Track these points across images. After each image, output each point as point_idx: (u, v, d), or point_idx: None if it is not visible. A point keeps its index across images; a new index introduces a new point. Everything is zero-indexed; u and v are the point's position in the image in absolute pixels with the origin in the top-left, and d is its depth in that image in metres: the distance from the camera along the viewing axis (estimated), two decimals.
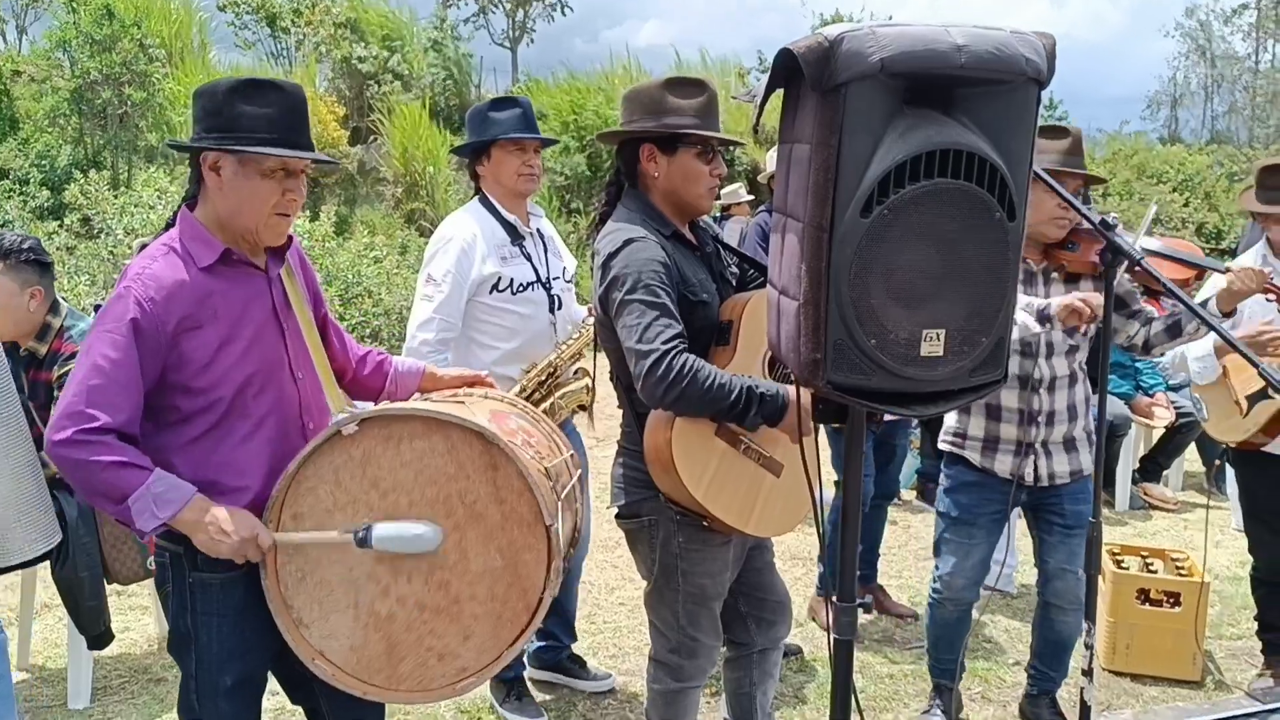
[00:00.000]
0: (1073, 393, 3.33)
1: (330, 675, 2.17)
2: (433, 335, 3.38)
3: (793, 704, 3.82)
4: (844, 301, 1.68)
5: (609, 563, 5.17)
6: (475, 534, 2.13)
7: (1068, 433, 3.33)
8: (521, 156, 3.50)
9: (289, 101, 2.21)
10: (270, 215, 2.21)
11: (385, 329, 9.84)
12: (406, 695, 2.20)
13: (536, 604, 2.13)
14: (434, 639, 2.16)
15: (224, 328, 2.18)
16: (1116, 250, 2.33)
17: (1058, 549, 3.36)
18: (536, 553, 2.12)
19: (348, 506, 2.15)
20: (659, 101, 2.61)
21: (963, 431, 3.42)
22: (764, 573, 2.91)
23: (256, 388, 2.22)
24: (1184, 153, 18.12)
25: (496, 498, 2.12)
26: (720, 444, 2.53)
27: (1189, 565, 4.23)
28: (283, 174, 2.20)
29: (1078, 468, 3.36)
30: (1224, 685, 4.01)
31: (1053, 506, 3.36)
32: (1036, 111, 1.77)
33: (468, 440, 2.12)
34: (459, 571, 2.14)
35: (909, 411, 1.84)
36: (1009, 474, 3.32)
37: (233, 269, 2.24)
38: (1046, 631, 3.50)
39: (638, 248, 2.51)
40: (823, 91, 1.64)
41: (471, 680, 2.16)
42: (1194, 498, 6.76)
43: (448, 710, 3.68)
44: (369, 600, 2.15)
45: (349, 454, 2.14)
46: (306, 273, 2.49)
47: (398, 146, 14.39)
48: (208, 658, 2.24)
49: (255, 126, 2.16)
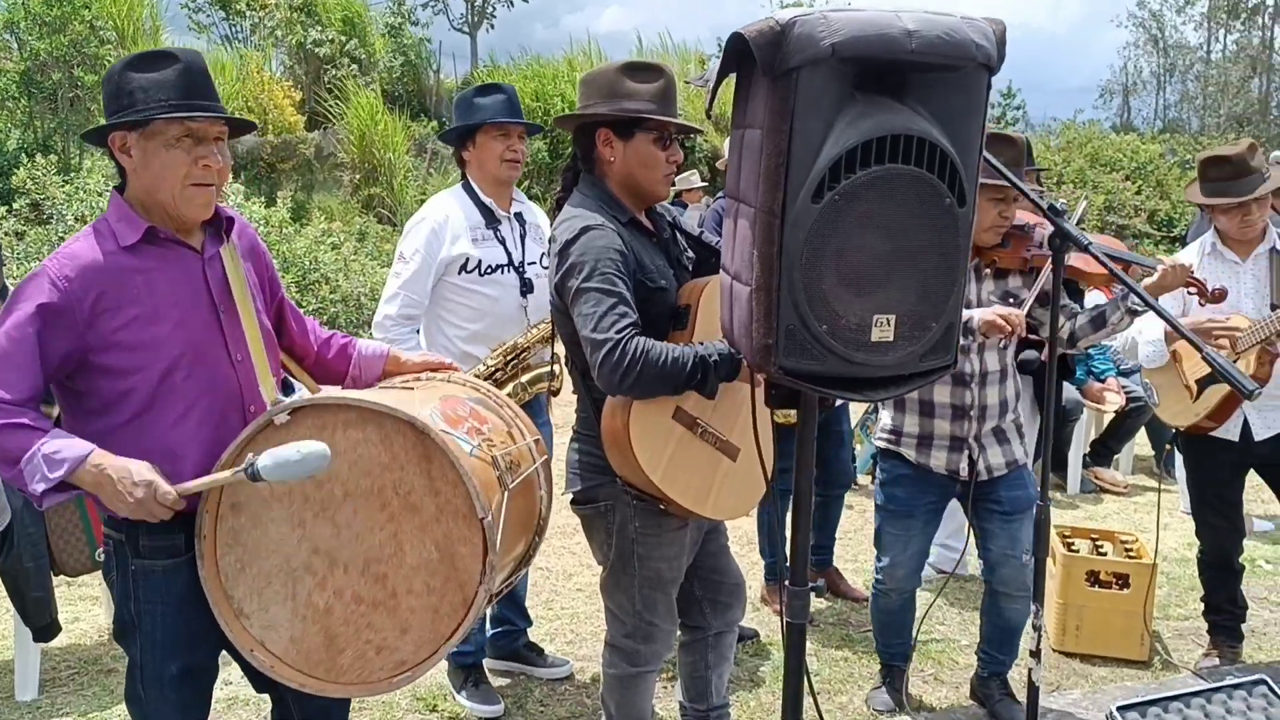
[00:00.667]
0: (1004, 387, 3.40)
1: (269, 667, 2.15)
2: (396, 310, 3.42)
3: (748, 687, 3.84)
4: (796, 287, 1.68)
5: (566, 549, 5.17)
6: (411, 526, 2.09)
7: (999, 425, 3.41)
8: (505, 142, 3.51)
9: (184, 67, 2.15)
10: (184, 186, 2.15)
11: (343, 315, 9.75)
12: (347, 688, 2.17)
13: (473, 598, 2.09)
14: (372, 632, 2.12)
15: (148, 307, 2.13)
16: (1065, 236, 2.36)
17: (999, 536, 3.41)
18: (473, 546, 2.08)
19: (285, 497, 2.12)
20: (616, 86, 2.60)
21: (898, 429, 3.47)
22: (719, 556, 2.92)
23: (185, 369, 2.16)
24: (1137, 141, 18.36)
25: (431, 489, 2.08)
26: (677, 427, 2.54)
27: (1138, 548, 4.30)
28: (190, 141, 2.14)
29: (1012, 458, 3.42)
30: (1171, 665, 4.09)
31: (989, 495, 3.42)
32: (987, 98, 1.79)
33: (401, 430, 2.09)
34: (395, 564, 2.10)
35: (860, 396, 1.86)
36: (944, 470, 3.40)
37: (160, 248, 2.18)
38: (995, 618, 3.55)
39: (595, 235, 2.50)
40: (774, 76, 1.64)
41: (408, 674, 2.13)
42: (1144, 481, 6.87)
43: (404, 698, 3.67)
44: (306, 592, 2.12)
45: (284, 443, 2.11)
46: (259, 260, 2.45)
47: (355, 132, 14.24)
48: (152, 646, 2.21)
49: (150, 97, 2.10)
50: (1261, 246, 3.76)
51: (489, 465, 2.18)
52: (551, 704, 3.71)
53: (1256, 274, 3.75)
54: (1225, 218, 3.74)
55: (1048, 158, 16.91)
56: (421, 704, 3.65)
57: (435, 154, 14.77)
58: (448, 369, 2.65)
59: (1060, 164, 16.61)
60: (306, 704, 2.42)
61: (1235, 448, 3.79)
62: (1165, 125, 30.79)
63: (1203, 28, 34.75)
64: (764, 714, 3.64)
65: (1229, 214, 3.72)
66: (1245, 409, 3.74)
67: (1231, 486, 3.94)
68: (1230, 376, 2.42)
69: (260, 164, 13.22)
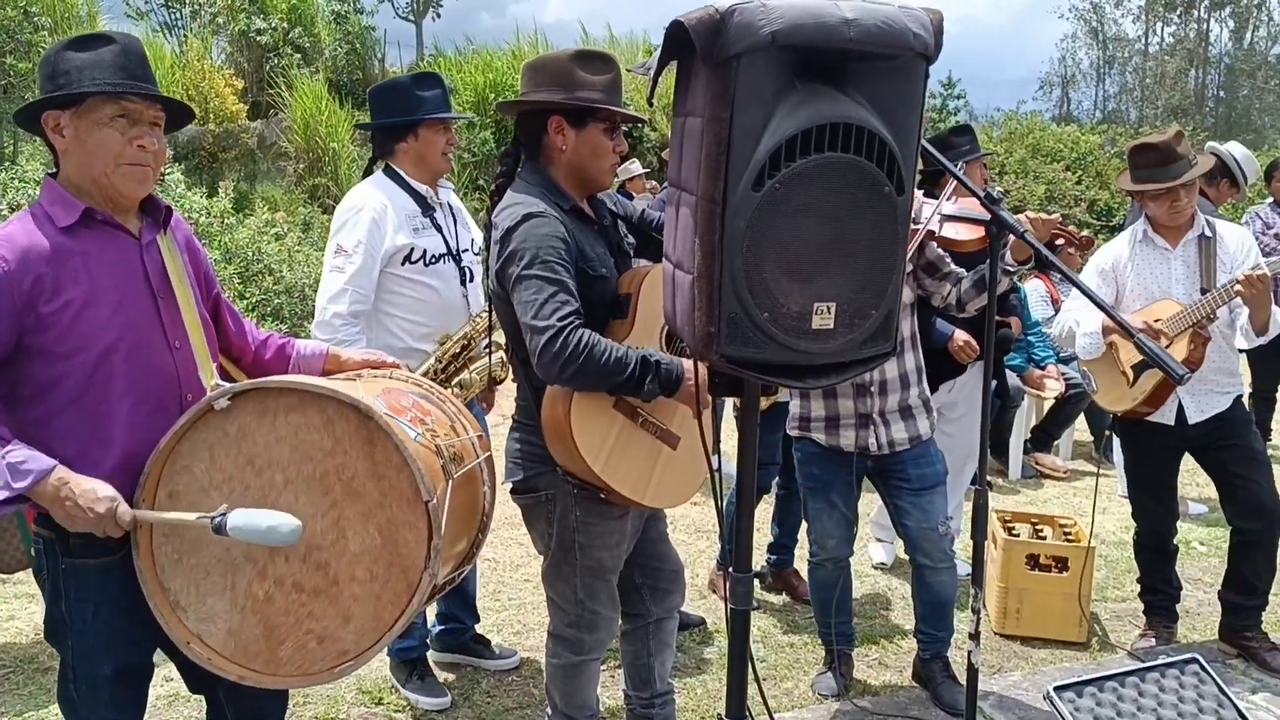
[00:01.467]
0: (903, 361, 3.49)
1: (206, 660, 2.11)
2: (345, 307, 3.31)
3: (694, 674, 3.86)
4: (737, 275, 1.69)
5: (513, 539, 5.16)
6: (353, 512, 2.07)
7: (902, 401, 3.49)
8: (446, 135, 3.48)
9: (121, 48, 2.13)
10: (118, 165, 2.12)
11: (287, 307, 9.61)
12: (286, 680, 2.13)
13: (417, 584, 2.07)
14: (313, 621, 2.09)
15: (85, 290, 2.10)
16: (1002, 224, 2.39)
17: (912, 511, 3.50)
18: (417, 531, 2.06)
19: (224, 484, 2.09)
20: (569, 75, 2.59)
21: (806, 415, 3.56)
22: (658, 543, 2.94)
23: (122, 354, 2.13)
24: (1077, 132, 18.64)
25: (375, 474, 2.06)
26: (619, 417, 2.54)
27: (1076, 531, 4.38)
28: (125, 122, 2.11)
29: (916, 434, 3.51)
30: (1109, 646, 4.18)
31: (898, 472, 3.51)
32: (925, 87, 1.81)
33: (344, 414, 2.06)
34: (337, 551, 2.07)
35: (802, 384, 1.87)
36: (854, 448, 3.48)
37: (96, 230, 2.15)
38: (924, 593, 3.62)
39: (537, 223, 2.49)
40: (714, 64, 1.64)
41: (350, 664, 2.10)
42: (1083, 466, 7.01)
43: (349, 691, 3.64)
44: (246, 581, 2.09)
45: (224, 430, 2.08)
46: (194, 254, 2.41)
47: (299, 121, 14.03)
48: (84, 647, 2.17)
49: (85, 76, 2.08)
50: (1191, 233, 3.84)
51: (433, 453, 2.16)
52: (498, 695, 3.70)
53: (1186, 260, 3.83)
54: (1155, 204, 3.82)
55: (991, 148, 17.12)
56: (367, 697, 3.63)
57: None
58: (389, 366, 2.63)
59: (1003, 154, 16.84)
60: (241, 703, 2.39)
61: (1170, 432, 3.87)
62: (1105, 116, 31.31)
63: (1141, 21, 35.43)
64: (710, 700, 3.66)
65: (1158, 200, 3.79)
66: (1180, 393, 3.82)
67: (1167, 470, 4.03)
68: (1162, 362, 2.47)
69: (202, 153, 12.97)
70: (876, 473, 3.56)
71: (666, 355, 2.49)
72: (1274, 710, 3.59)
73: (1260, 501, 3.79)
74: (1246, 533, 3.87)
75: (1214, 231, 3.83)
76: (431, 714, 3.54)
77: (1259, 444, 3.92)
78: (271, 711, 2.48)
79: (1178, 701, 3.07)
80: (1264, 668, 3.87)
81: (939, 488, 3.51)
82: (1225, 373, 3.85)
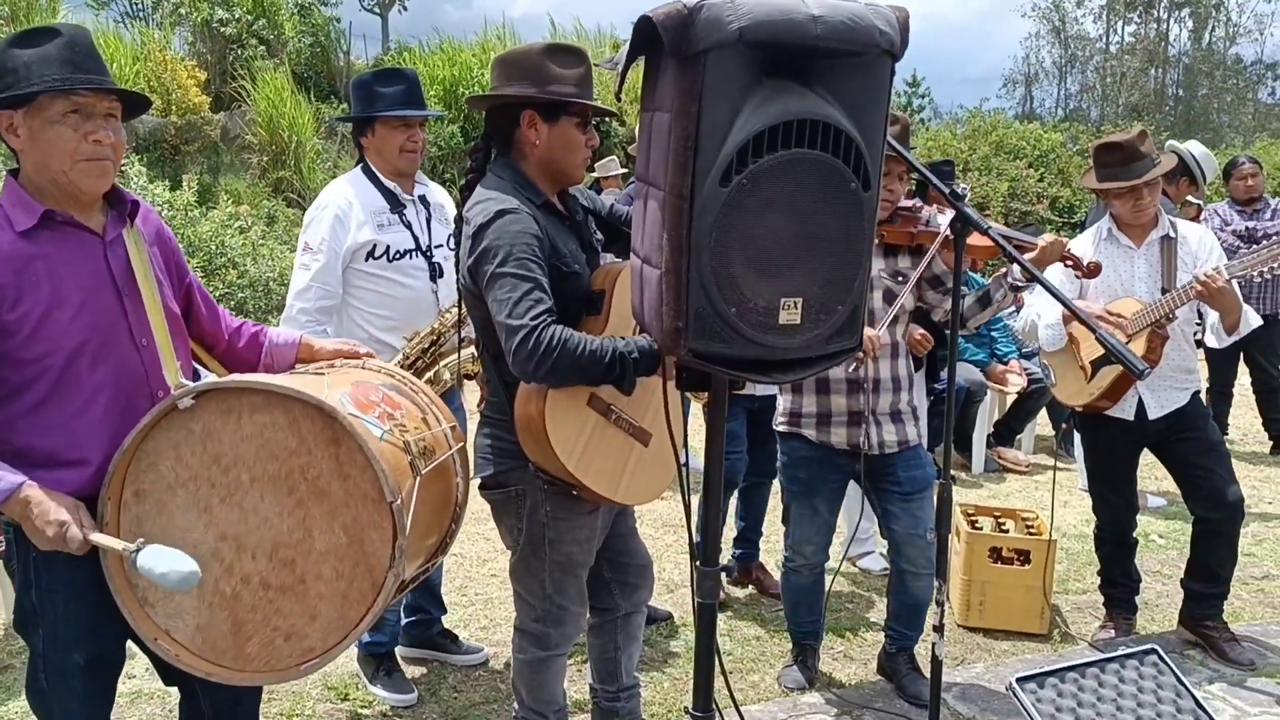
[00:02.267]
0: (895, 364, 3.52)
1: (174, 656, 2.11)
2: (311, 304, 3.35)
3: (660, 667, 3.87)
4: (704, 270, 1.70)
5: (480, 534, 5.15)
6: (319, 511, 2.07)
7: (893, 404, 3.51)
8: (406, 133, 3.45)
9: (67, 41, 2.09)
10: (75, 163, 2.09)
11: (251, 301, 9.52)
12: (253, 676, 2.14)
13: (382, 583, 2.07)
14: (280, 618, 2.09)
15: (49, 294, 2.08)
16: (966, 220, 2.41)
17: (901, 517, 3.51)
18: (382, 530, 2.06)
19: (189, 483, 2.08)
20: (542, 69, 2.58)
21: (797, 410, 3.57)
22: (627, 538, 2.94)
23: (90, 356, 2.12)
24: (1039, 130, 18.80)
25: (340, 474, 2.06)
26: (592, 414, 2.54)
27: (1038, 524, 4.44)
28: (77, 117, 2.08)
29: (904, 438, 3.53)
30: (1070, 637, 4.23)
31: (888, 476, 3.52)
32: (890, 84, 1.82)
33: (309, 414, 2.06)
34: (304, 550, 2.07)
35: (768, 379, 1.88)
36: (846, 445, 3.49)
37: (58, 232, 2.13)
38: (902, 595, 3.65)
39: (510, 220, 2.48)
40: (682, 59, 1.65)
41: (317, 661, 2.10)
42: (1045, 460, 7.09)
43: (315, 687, 3.62)
44: (213, 579, 2.08)
45: (189, 428, 2.07)
46: (165, 245, 2.39)
47: (263, 114, 13.89)
48: (55, 636, 2.16)
49: (33, 73, 2.05)
50: (1154, 233, 3.90)
51: (400, 450, 2.16)
52: (465, 690, 3.70)
53: (1149, 259, 3.88)
54: (1118, 202, 3.88)
55: (955, 145, 17.26)
56: (333, 693, 3.61)
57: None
58: (362, 356, 2.62)
59: (967, 151, 16.96)
60: (217, 696, 2.38)
61: (1130, 426, 3.93)
62: (1067, 114, 31.63)
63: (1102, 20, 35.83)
64: (676, 694, 3.67)
65: (1121, 199, 3.85)
66: (1140, 389, 3.88)
67: (1126, 464, 4.09)
68: (1123, 357, 2.51)
69: (164, 146, 12.80)
70: (866, 475, 3.55)
71: (640, 339, 2.45)
72: (1230, 700, 3.66)
73: (1222, 491, 3.85)
74: (1209, 522, 3.94)
75: (1177, 232, 3.89)
76: (398, 710, 3.53)
77: (1217, 435, 3.99)
78: (245, 702, 2.48)
79: (1137, 692, 3.12)
80: (1222, 658, 3.94)
81: (928, 492, 3.51)
82: (1184, 370, 3.91)
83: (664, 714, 3.55)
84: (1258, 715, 3.57)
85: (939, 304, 3.54)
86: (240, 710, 2.47)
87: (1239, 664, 3.90)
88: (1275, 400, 7.25)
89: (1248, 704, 3.64)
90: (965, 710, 3.57)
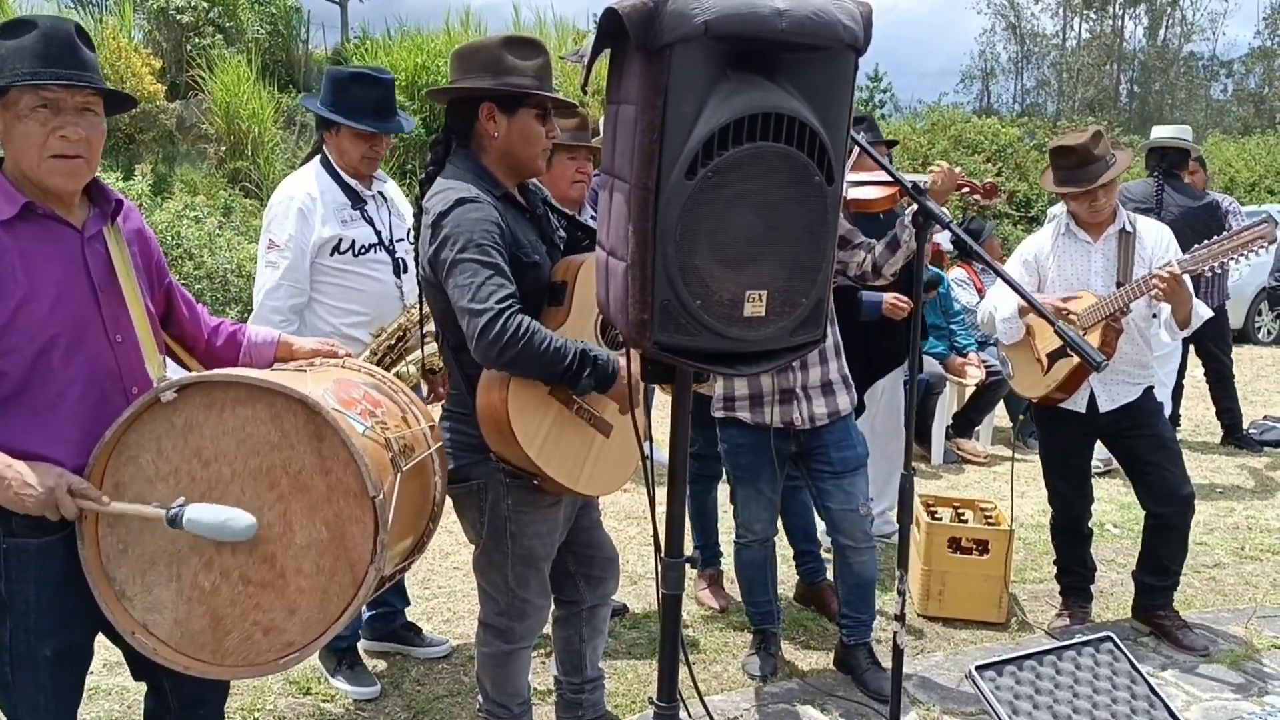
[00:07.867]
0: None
1: (152, 650, 2.09)
2: (283, 302, 3.33)
3: (624, 659, 3.89)
4: (670, 263, 1.71)
5: (443, 528, 5.05)
6: (300, 505, 2.06)
7: (823, 375, 3.57)
8: (369, 143, 3.42)
9: (42, 33, 2.06)
10: (44, 158, 2.07)
11: (208, 293, 9.40)
12: (232, 670, 2.13)
13: (363, 578, 2.07)
14: (259, 613, 2.08)
15: (23, 288, 2.06)
16: (929, 214, 2.44)
17: (834, 494, 3.59)
18: (363, 525, 2.06)
19: (170, 476, 2.07)
20: (499, 61, 2.58)
21: (730, 395, 3.62)
22: (592, 531, 2.95)
23: (62, 350, 2.10)
24: (997, 125, 19.02)
25: (322, 468, 2.05)
26: (554, 403, 2.54)
27: (997, 515, 4.50)
28: (46, 112, 2.06)
29: (835, 409, 3.59)
30: (1027, 626, 4.29)
31: (820, 455, 3.60)
32: (854, 78, 1.84)
33: (291, 408, 2.05)
34: (284, 544, 2.06)
35: (733, 371, 1.89)
36: (780, 422, 3.55)
37: (37, 225, 2.11)
38: (847, 575, 3.70)
39: (470, 208, 2.47)
40: (648, 52, 1.65)
41: (296, 655, 2.09)
42: (1003, 451, 7.16)
43: (276, 682, 3.60)
44: (192, 573, 2.07)
45: (171, 422, 2.06)
46: (145, 244, 2.38)
47: (220, 103, 13.71)
48: (25, 627, 2.13)
49: (6, 65, 2.03)
50: (1112, 228, 3.95)
51: (382, 447, 2.15)
52: (429, 683, 3.69)
53: (1106, 254, 3.94)
54: (1075, 204, 3.94)
55: (914, 139, 17.41)
56: (295, 687, 3.59)
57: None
58: (341, 355, 2.61)
59: (926, 145, 17.11)
60: (184, 689, 2.37)
61: (1083, 419, 3.99)
62: (1024, 109, 31.99)
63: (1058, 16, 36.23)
64: (640, 685, 3.69)
65: (1078, 200, 3.91)
66: (1092, 382, 3.94)
67: (1080, 455, 4.16)
68: (1081, 349, 2.55)
69: (118, 135, 12.60)
70: (800, 456, 3.63)
71: (604, 350, 2.50)
72: (1183, 685, 3.73)
73: (1173, 487, 3.93)
74: (1160, 517, 4.01)
75: (1134, 228, 3.95)
76: (361, 703, 3.52)
77: (1169, 432, 4.06)
78: (212, 696, 2.46)
79: (1093, 679, 3.17)
80: (1176, 645, 4.01)
81: (860, 470, 3.60)
82: (1137, 364, 3.97)
83: (628, 705, 3.56)
84: (1210, 700, 3.64)
85: (850, 259, 3.57)
86: (206, 705, 2.46)
87: (1192, 650, 3.98)
88: (1227, 388, 7.39)
89: (1200, 689, 3.71)
90: (925, 698, 3.62)
